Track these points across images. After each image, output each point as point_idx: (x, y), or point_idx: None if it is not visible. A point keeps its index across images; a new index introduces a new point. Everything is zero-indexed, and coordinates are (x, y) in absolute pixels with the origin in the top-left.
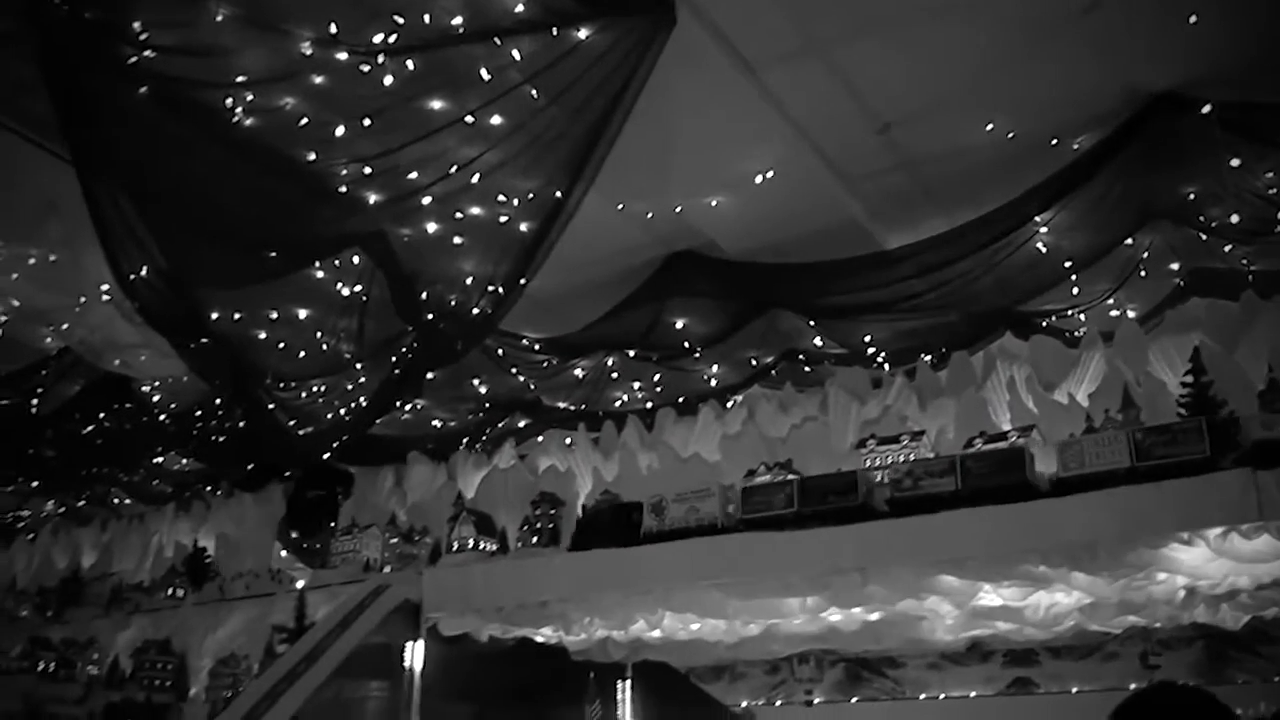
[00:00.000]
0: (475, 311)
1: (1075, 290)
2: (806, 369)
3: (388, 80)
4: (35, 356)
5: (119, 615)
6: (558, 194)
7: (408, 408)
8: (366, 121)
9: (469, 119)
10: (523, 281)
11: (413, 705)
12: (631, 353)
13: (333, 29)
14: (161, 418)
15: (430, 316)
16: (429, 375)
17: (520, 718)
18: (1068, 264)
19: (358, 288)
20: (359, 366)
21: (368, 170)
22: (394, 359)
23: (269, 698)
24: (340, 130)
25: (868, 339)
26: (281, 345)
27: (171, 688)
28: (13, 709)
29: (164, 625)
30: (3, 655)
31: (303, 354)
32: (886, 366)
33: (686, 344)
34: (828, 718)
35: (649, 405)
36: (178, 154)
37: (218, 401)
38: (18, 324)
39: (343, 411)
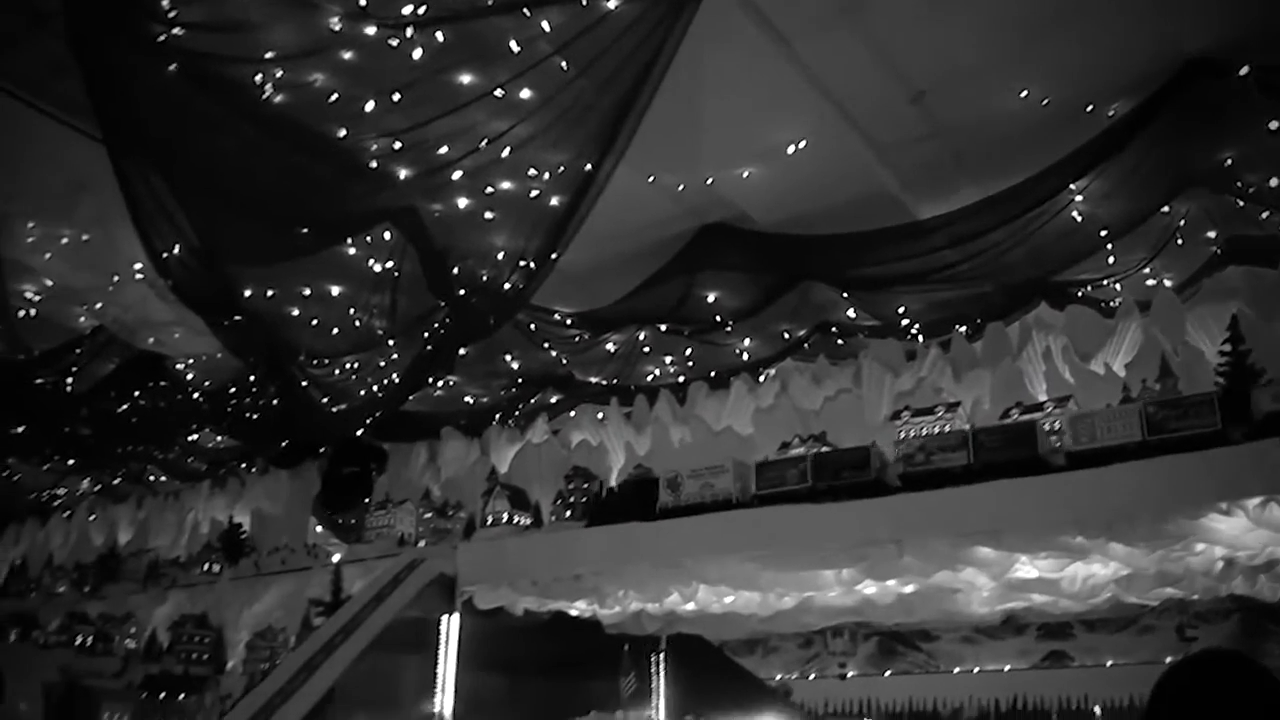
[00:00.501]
0: (507, 286)
1: (1111, 259)
2: (840, 341)
3: (417, 54)
4: (69, 336)
5: (156, 590)
6: (588, 167)
7: (440, 384)
8: (396, 96)
9: (499, 92)
10: (554, 256)
11: (448, 677)
12: (663, 326)
13: (361, 2)
14: (196, 395)
15: (462, 292)
16: (461, 351)
17: (555, 690)
18: (1103, 233)
19: (389, 264)
20: (391, 343)
21: (398, 145)
22: (426, 335)
23: (306, 669)
24: (370, 105)
25: (901, 310)
26: (314, 322)
27: (209, 661)
28: (51, 681)
29: (200, 600)
30: (41, 630)
31: (335, 330)
32: (920, 338)
33: (718, 317)
34: (861, 691)
35: (681, 379)
36: (208, 131)
37: (251, 379)
38: (52, 303)
39: (375, 388)
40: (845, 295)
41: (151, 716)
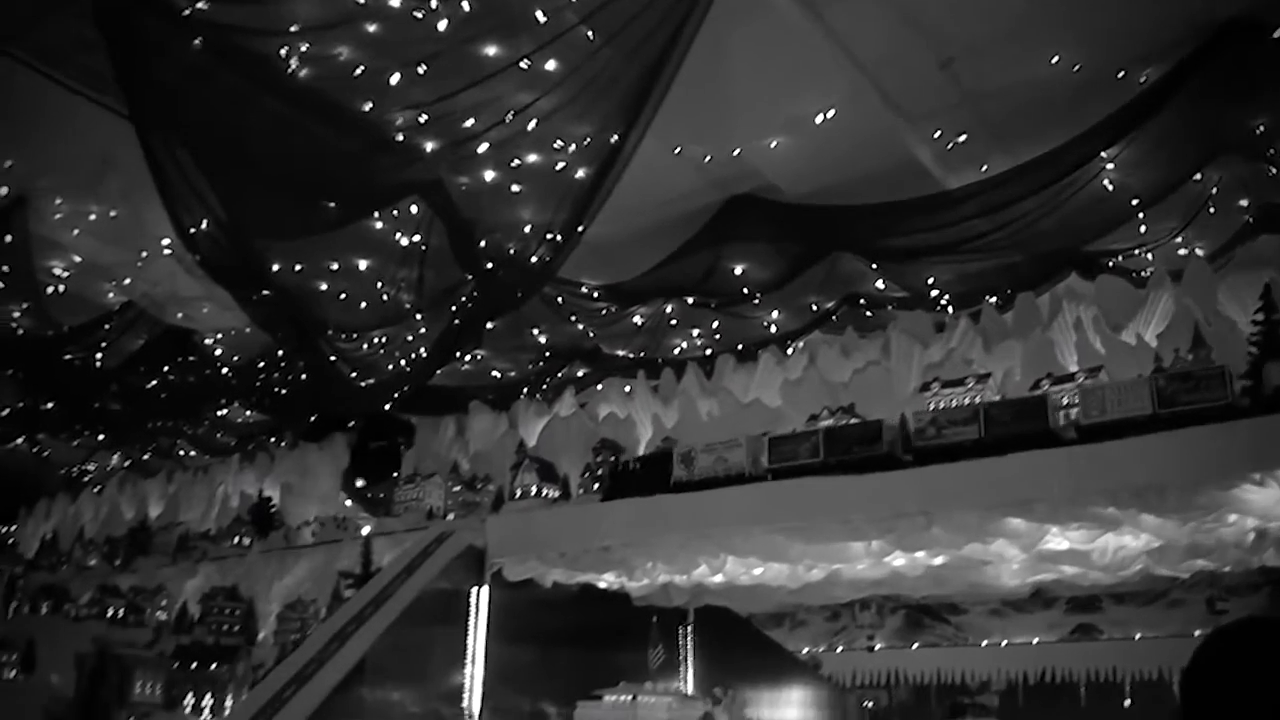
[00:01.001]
0: (534, 259)
1: (1142, 229)
2: (868, 313)
3: (441, 25)
4: (98, 311)
5: (186, 563)
6: (614, 139)
7: (468, 358)
8: (421, 68)
9: (524, 63)
10: (580, 229)
11: (478, 648)
12: (690, 299)
13: None
14: (224, 370)
15: (489, 265)
16: (489, 325)
17: (584, 662)
18: (1134, 202)
19: (416, 237)
20: (419, 317)
21: (423, 118)
22: (454, 308)
23: (337, 639)
24: (395, 78)
25: (931, 282)
26: (342, 296)
27: (240, 632)
28: (84, 651)
29: (231, 572)
30: (72, 603)
31: (363, 305)
32: (950, 309)
33: (745, 289)
34: (889, 663)
35: (708, 352)
36: (234, 105)
37: (280, 353)
38: (80, 279)
39: (403, 362)
40: (874, 267)
41: (184, 685)
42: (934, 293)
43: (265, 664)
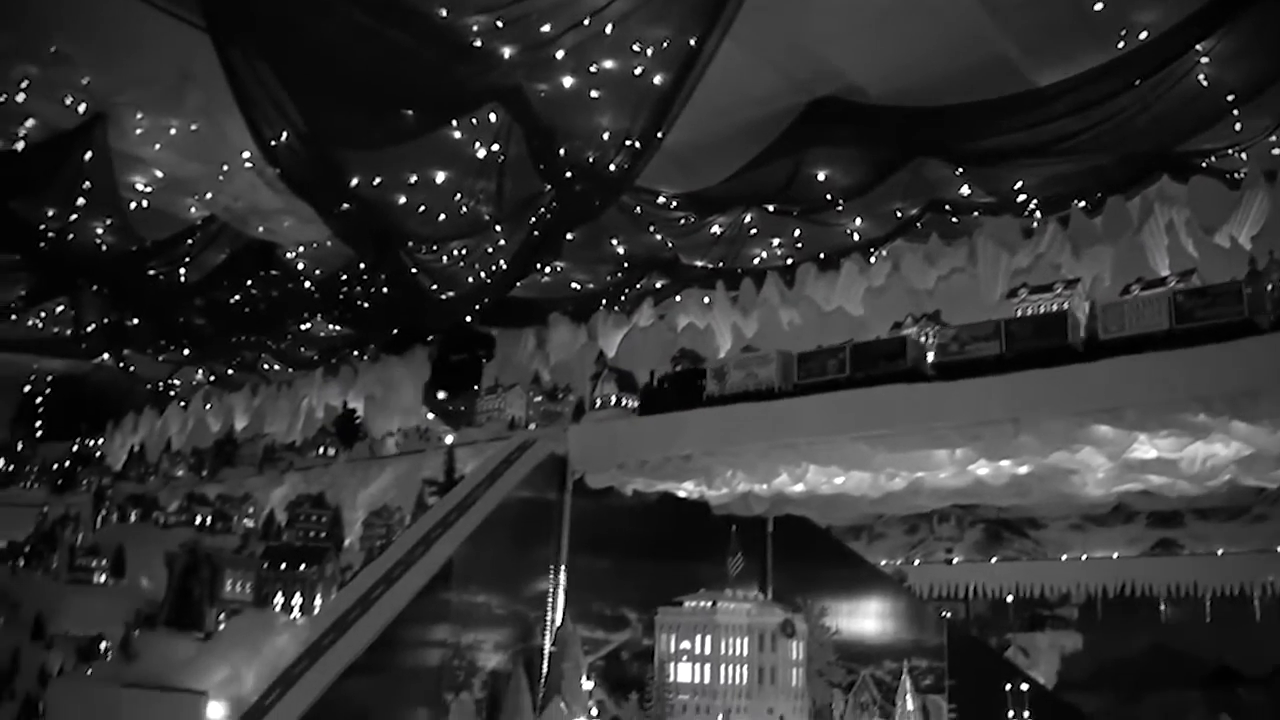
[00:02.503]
0: (612, 167)
1: (1237, 127)
2: (953, 220)
3: None
4: (181, 226)
5: (272, 473)
6: (692, 42)
7: (547, 270)
8: None
9: None
10: (659, 135)
11: (561, 554)
12: (771, 207)
13: None
14: (307, 284)
15: (568, 174)
16: (568, 235)
17: (663, 569)
18: (1230, 98)
19: (495, 147)
20: (498, 228)
21: (500, 22)
22: (533, 219)
23: (424, 543)
24: None
25: (1018, 186)
26: (421, 209)
27: (327, 538)
28: (173, 551)
29: (316, 482)
30: (161, 511)
31: (443, 217)
32: (1038, 214)
33: (828, 196)
34: (968, 576)
35: (789, 261)
36: (312, 15)
37: (361, 266)
38: (162, 194)
39: (483, 274)
40: (960, 171)
41: (274, 584)
42: (1021, 197)
43: (353, 567)
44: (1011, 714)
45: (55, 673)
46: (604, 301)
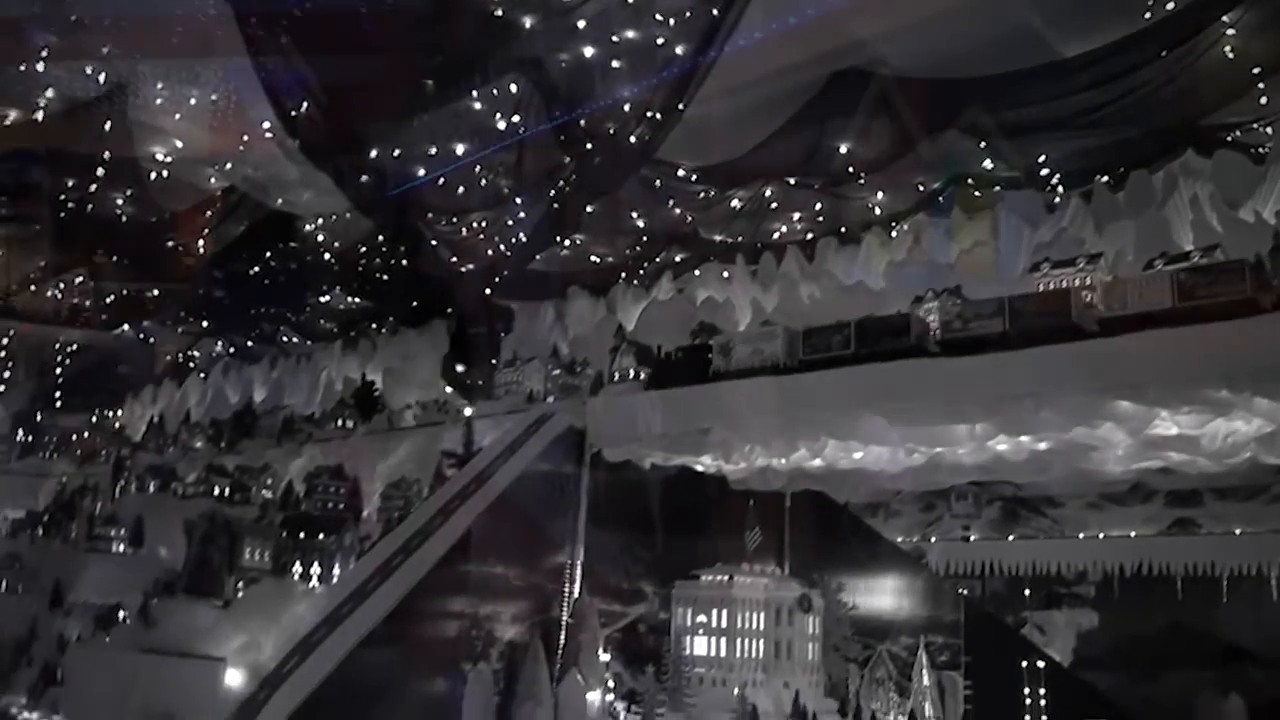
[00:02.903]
0: (632, 139)
1: (1262, 100)
2: (976, 194)
3: None
4: (201, 197)
5: (291, 445)
6: (714, 12)
7: (566, 243)
8: None
9: None
10: (680, 106)
11: (579, 527)
12: (792, 180)
13: None
14: (326, 256)
15: (588, 146)
16: (587, 208)
17: (680, 543)
18: (1255, 70)
19: (515, 119)
20: (518, 201)
21: None
22: (552, 192)
23: (442, 514)
24: None
25: (1041, 159)
26: (441, 181)
27: (345, 508)
28: (192, 519)
29: (335, 453)
30: (180, 481)
31: (462, 189)
32: (1061, 189)
33: (850, 169)
34: (984, 554)
35: (809, 235)
36: None
37: (380, 239)
38: (182, 165)
39: (503, 246)
40: (983, 145)
41: (292, 553)
42: (1044, 171)
43: (371, 537)
44: (1027, 691)
45: (74, 640)
46: (623, 275)
